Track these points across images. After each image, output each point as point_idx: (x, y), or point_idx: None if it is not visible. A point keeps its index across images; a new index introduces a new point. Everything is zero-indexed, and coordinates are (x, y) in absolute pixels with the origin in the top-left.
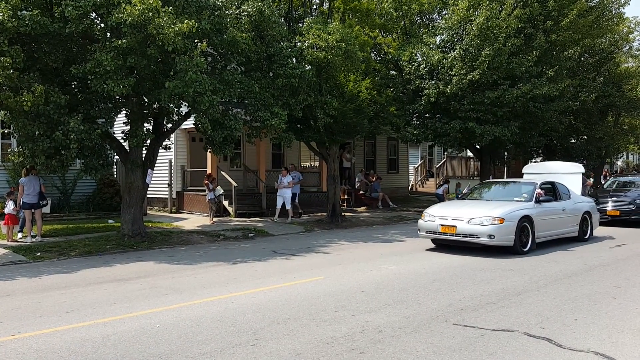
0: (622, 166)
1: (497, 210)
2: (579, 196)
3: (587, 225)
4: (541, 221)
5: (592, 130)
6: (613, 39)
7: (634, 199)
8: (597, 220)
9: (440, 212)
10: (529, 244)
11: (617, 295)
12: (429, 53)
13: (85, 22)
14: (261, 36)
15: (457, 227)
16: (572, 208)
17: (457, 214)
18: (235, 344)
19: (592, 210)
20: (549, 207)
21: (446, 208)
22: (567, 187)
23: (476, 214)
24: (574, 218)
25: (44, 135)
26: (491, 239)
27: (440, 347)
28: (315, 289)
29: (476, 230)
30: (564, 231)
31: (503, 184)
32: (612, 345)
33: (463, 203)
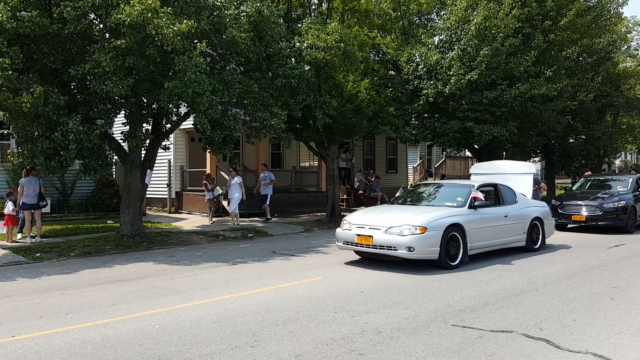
0: (620, 166)
1: (419, 218)
2: (529, 200)
3: (537, 234)
4: (476, 230)
5: (591, 130)
6: (611, 38)
7: (601, 203)
8: (552, 227)
9: (358, 220)
10: (459, 257)
11: (615, 296)
12: (427, 53)
13: (84, 23)
14: (260, 36)
15: (373, 237)
16: (517, 214)
17: (376, 221)
18: (234, 345)
19: (544, 215)
20: (487, 213)
21: (367, 214)
22: (513, 190)
23: (396, 222)
24: (521, 225)
25: (43, 136)
26: (411, 251)
27: (439, 349)
28: (314, 290)
29: (394, 242)
30: (507, 240)
31: (438, 186)
32: (610, 346)
33: (389, 208)
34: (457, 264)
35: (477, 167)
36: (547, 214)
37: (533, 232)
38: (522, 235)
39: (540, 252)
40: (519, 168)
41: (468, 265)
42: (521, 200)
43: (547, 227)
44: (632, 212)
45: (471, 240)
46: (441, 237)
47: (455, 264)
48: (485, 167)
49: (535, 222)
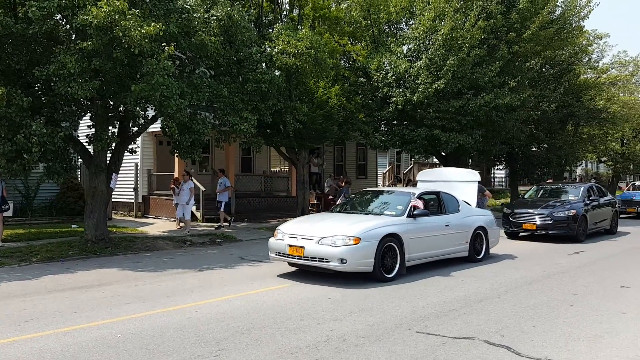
0: (581, 174)
1: (353, 228)
2: (473, 209)
3: (480, 243)
4: (415, 240)
5: (553, 139)
6: (573, 51)
7: (551, 212)
8: (497, 237)
9: (291, 229)
10: (396, 269)
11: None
12: (396, 62)
13: (49, 24)
14: (230, 41)
15: (305, 248)
16: (459, 223)
17: (309, 231)
18: (197, 354)
19: (488, 224)
20: (427, 222)
21: (301, 223)
22: (456, 199)
23: (329, 232)
24: (463, 235)
25: (5, 138)
26: (343, 263)
27: (402, 356)
28: (281, 297)
29: (326, 253)
30: (449, 251)
31: (379, 194)
32: (568, 352)
33: (326, 217)
34: (394, 276)
35: (423, 174)
36: (491, 223)
37: (476, 241)
38: (465, 245)
39: (483, 263)
40: (464, 176)
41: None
42: (464, 209)
43: (491, 236)
44: (583, 221)
45: (410, 250)
46: (376, 247)
47: (392, 276)
48: (431, 174)
49: (478, 232)
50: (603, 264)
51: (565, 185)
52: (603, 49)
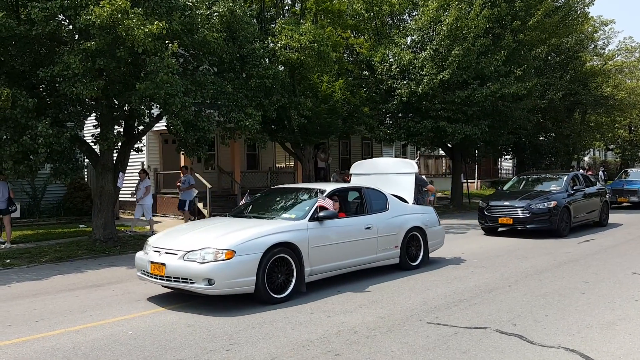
0: (589, 162)
1: (227, 238)
2: (408, 206)
3: (417, 247)
4: (320, 249)
5: (560, 128)
6: (578, 38)
7: (529, 204)
8: (441, 238)
9: (160, 241)
10: (290, 287)
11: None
12: (400, 53)
13: (52, 24)
14: (233, 37)
15: (166, 265)
16: (386, 224)
17: (176, 243)
18: (210, 349)
19: (427, 224)
20: (338, 225)
21: (174, 232)
22: (385, 195)
23: (199, 244)
24: (392, 238)
25: (12, 139)
26: (211, 285)
27: (414, 347)
28: None
29: (190, 271)
30: (371, 259)
31: (285, 192)
32: (581, 340)
33: (209, 223)
34: (288, 295)
35: (356, 167)
36: (432, 221)
37: (411, 245)
38: (395, 250)
39: (418, 271)
40: (399, 167)
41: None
42: (394, 207)
43: (431, 238)
44: (565, 214)
45: (312, 262)
46: (259, 262)
47: (283, 296)
48: (366, 165)
49: (414, 234)
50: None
51: (548, 174)
52: (609, 36)
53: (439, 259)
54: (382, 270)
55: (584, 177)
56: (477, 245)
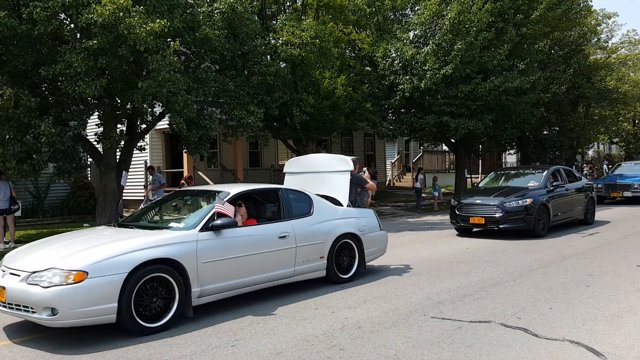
0: (593, 156)
1: (78, 257)
2: (339, 210)
3: (350, 257)
4: (214, 265)
5: (564, 122)
6: (582, 31)
7: (502, 201)
8: (382, 244)
9: (11, 258)
10: (171, 313)
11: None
12: (402, 48)
13: (54, 24)
14: (234, 34)
15: (6, 289)
16: (309, 231)
17: (25, 261)
18: (214, 345)
19: (363, 230)
20: (240, 235)
21: (32, 247)
22: (310, 197)
23: (46, 262)
24: (316, 248)
25: (15, 139)
26: (54, 315)
27: (418, 341)
28: (294, 287)
29: (32, 297)
30: (287, 273)
31: (186, 196)
32: (586, 332)
33: (79, 235)
34: (165, 323)
35: (290, 165)
36: (370, 226)
37: (342, 255)
38: (320, 261)
39: (349, 284)
40: (334, 165)
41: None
42: (321, 212)
43: (369, 245)
44: (542, 212)
45: (203, 281)
46: (122, 284)
47: (160, 324)
48: (299, 164)
49: (346, 241)
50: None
51: (527, 169)
52: (612, 29)
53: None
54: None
55: (567, 172)
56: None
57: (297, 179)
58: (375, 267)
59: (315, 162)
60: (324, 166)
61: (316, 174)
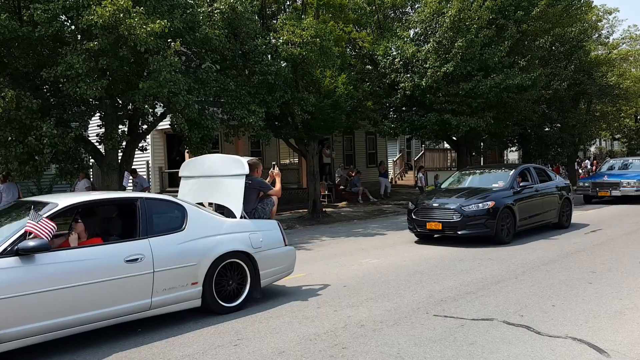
0: (595, 152)
1: None
2: (227, 222)
3: (240, 281)
4: (17, 301)
5: (565, 118)
6: (582, 27)
7: (461, 205)
8: (286, 264)
9: None
10: None
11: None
12: (403, 47)
13: (55, 25)
14: (235, 33)
15: None
16: (175, 252)
17: None
18: (217, 344)
19: (259, 246)
20: (64, 261)
21: None
22: (183, 207)
23: None
24: (185, 272)
25: (17, 140)
26: None
27: (421, 339)
28: (297, 286)
29: None
30: (139, 306)
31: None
32: (589, 330)
33: None
34: None
35: (185, 167)
36: (270, 242)
37: (227, 278)
38: (192, 288)
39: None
40: (229, 167)
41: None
42: (198, 225)
43: (268, 264)
44: (507, 216)
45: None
46: None
47: None
48: (194, 165)
49: (234, 261)
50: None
51: (493, 168)
52: (613, 24)
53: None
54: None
55: (538, 171)
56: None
57: (191, 184)
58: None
59: (209, 164)
60: (217, 169)
61: (210, 179)
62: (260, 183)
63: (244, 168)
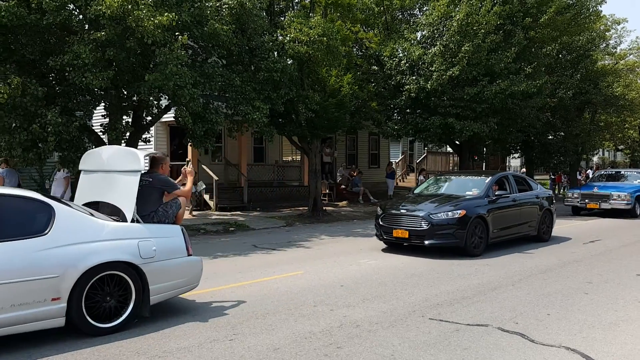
0: (598, 162)
1: None
2: (109, 225)
3: (120, 298)
4: None
5: (569, 127)
6: (590, 36)
7: (428, 213)
8: (188, 276)
9: None
10: None
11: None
12: (410, 49)
13: (63, 14)
14: (242, 29)
15: None
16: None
17: None
18: (213, 338)
19: (151, 256)
20: None
21: None
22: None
23: None
24: (37, 285)
25: (21, 127)
26: None
27: (415, 342)
28: (294, 284)
29: None
30: None
31: None
32: (582, 340)
33: None
34: None
35: (86, 159)
36: (166, 251)
37: (104, 294)
38: (52, 305)
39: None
40: (123, 162)
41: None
42: (68, 229)
43: (158, 278)
44: (478, 226)
45: None
46: None
47: None
48: (92, 158)
49: (113, 274)
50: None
51: (471, 174)
52: (621, 35)
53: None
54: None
55: (518, 180)
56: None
57: (90, 179)
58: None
59: (107, 157)
60: (114, 163)
61: (108, 174)
62: (163, 181)
63: (139, 163)
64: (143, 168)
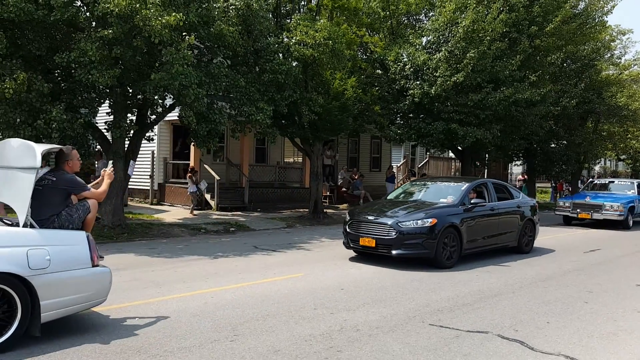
0: (599, 172)
1: None
2: None
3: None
4: None
5: (572, 136)
6: (595, 46)
7: (397, 221)
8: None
9: None
10: None
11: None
12: (414, 53)
13: (70, 11)
14: (248, 30)
15: None
16: None
17: None
18: (214, 339)
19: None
20: None
21: None
22: None
23: None
24: None
25: (26, 123)
26: None
27: (415, 347)
28: (295, 286)
29: None
30: None
31: None
32: (582, 349)
33: None
34: None
35: None
36: (63, 261)
37: None
38: None
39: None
40: (20, 157)
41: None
42: None
43: (51, 292)
44: (450, 236)
45: None
46: None
47: None
48: None
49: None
50: None
51: (446, 181)
52: (626, 45)
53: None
54: None
55: (497, 187)
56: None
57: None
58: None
59: (6, 151)
60: (11, 158)
61: (6, 170)
62: (68, 181)
63: (35, 159)
64: (39, 165)
